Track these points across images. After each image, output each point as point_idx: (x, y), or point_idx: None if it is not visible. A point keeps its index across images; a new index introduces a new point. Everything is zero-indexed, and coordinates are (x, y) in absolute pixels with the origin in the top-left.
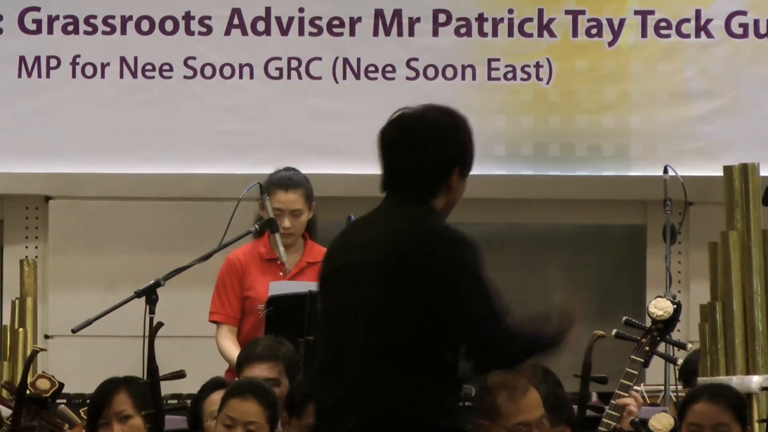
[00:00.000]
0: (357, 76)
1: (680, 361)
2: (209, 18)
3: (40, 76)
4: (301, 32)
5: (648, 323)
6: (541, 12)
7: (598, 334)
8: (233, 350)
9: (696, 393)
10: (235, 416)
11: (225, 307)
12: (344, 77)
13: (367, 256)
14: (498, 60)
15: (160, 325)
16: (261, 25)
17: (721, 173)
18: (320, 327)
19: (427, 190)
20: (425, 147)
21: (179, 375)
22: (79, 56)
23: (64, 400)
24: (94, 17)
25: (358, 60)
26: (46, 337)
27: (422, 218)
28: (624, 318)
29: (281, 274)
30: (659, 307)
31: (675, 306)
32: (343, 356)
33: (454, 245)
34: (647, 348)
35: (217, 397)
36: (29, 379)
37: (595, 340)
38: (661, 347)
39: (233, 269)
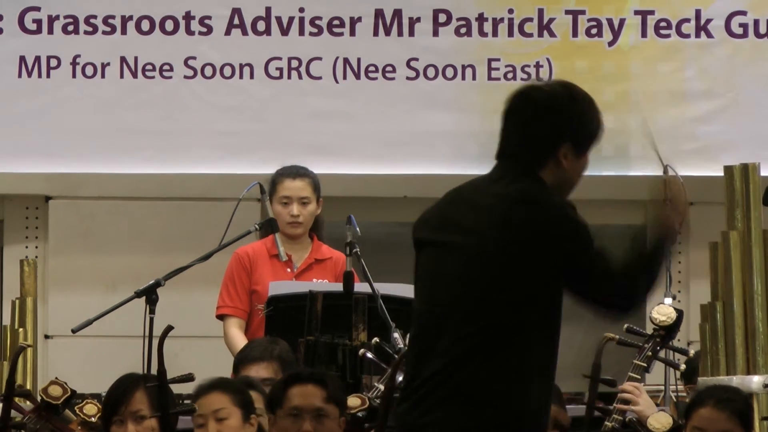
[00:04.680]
0: (357, 76)
1: (683, 367)
2: (209, 18)
3: (40, 76)
4: (301, 32)
5: (649, 328)
6: (541, 12)
7: (608, 336)
8: (242, 343)
9: (703, 396)
10: (203, 411)
11: (233, 300)
12: (344, 77)
13: (461, 236)
14: (498, 60)
15: (170, 328)
16: (261, 25)
17: (721, 173)
18: (415, 294)
19: (531, 160)
20: (535, 115)
21: (188, 378)
22: (79, 56)
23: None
24: (95, 17)
25: (359, 60)
26: (46, 337)
27: (520, 191)
28: (626, 326)
29: (288, 270)
30: (662, 313)
31: (677, 313)
32: (440, 332)
33: (550, 217)
34: (650, 353)
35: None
36: (28, 378)
37: (605, 342)
38: (663, 352)
39: (241, 263)
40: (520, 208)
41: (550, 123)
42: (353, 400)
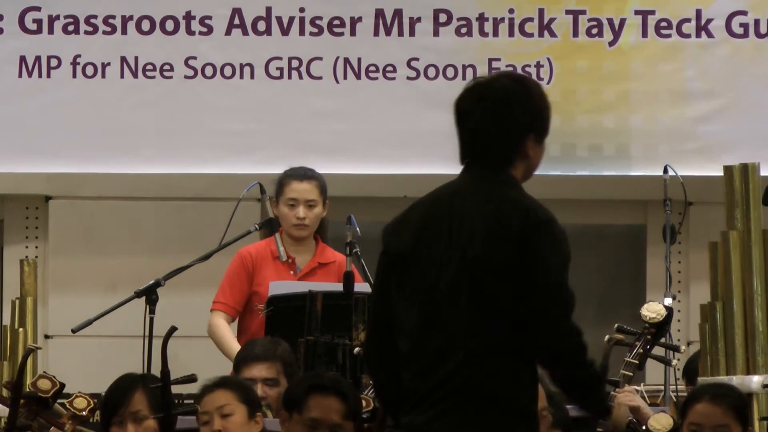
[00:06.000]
0: (358, 76)
1: (674, 362)
2: (210, 18)
3: (40, 76)
4: (301, 32)
5: (642, 326)
6: (541, 12)
7: (616, 338)
8: (224, 330)
9: (698, 392)
10: (208, 408)
11: (227, 298)
12: (345, 77)
13: (458, 243)
14: (499, 60)
15: (174, 329)
16: (262, 25)
17: (721, 173)
18: (403, 313)
19: (504, 159)
20: (498, 115)
21: (191, 379)
22: (79, 56)
23: (63, 401)
24: (95, 17)
25: (359, 60)
26: (46, 337)
27: (507, 191)
28: (616, 325)
29: (291, 273)
30: (651, 310)
31: (667, 310)
32: (446, 343)
33: (545, 219)
34: (641, 350)
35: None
36: (28, 379)
37: (613, 344)
38: (656, 349)
39: (243, 263)
40: (515, 216)
41: (514, 122)
42: None
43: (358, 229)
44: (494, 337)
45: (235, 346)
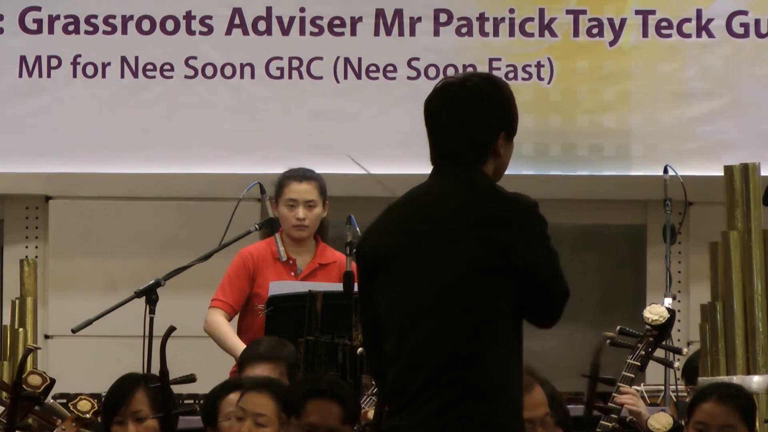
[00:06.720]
0: (358, 76)
1: (677, 365)
2: (210, 18)
3: (41, 76)
4: (302, 32)
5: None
6: (542, 12)
7: (607, 335)
8: (223, 326)
9: (706, 392)
10: (246, 408)
11: (227, 296)
12: (345, 77)
13: (438, 241)
14: (499, 60)
15: (173, 329)
16: (262, 25)
17: (721, 173)
18: (387, 315)
19: (476, 158)
20: (471, 113)
21: (190, 379)
22: (80, 56)
23: (64, 400)
24: (95, 17)
25: (359, 60)
26: (46, 337)
27: (485, 187)
28: (618, 327)
29: (292, 274)
30: (654, 312)
31: (669, 312)
32: (430, 342)
33: (528, 209)
34: (643, 352)
35: (234, 397)
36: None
37: (605, 342)
38: (658, 351)
39: (245, 264)
40: (496, 207)
41: (485, 120)
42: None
43: (358, 229)
44: (481, 333)
45: (237, 342)
